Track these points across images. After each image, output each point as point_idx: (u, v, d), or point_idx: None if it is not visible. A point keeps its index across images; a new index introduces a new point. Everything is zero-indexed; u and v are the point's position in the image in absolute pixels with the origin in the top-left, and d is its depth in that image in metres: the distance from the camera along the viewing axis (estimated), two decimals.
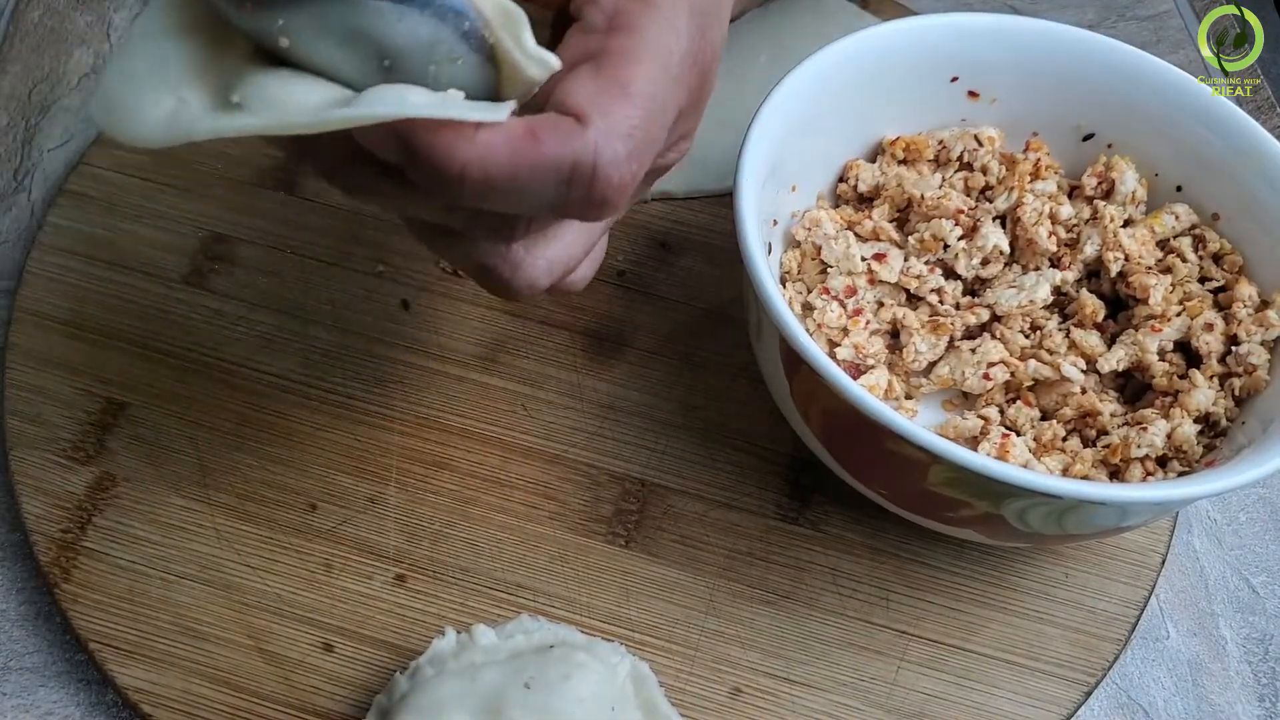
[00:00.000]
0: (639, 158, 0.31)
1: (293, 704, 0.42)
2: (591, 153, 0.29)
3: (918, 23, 0.48)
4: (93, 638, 0.43)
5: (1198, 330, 0.45)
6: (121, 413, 0.48)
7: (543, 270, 0.35)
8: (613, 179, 0.30)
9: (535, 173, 0.29)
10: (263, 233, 0.53)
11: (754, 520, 0.47)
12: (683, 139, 0.37)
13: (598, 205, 0.31)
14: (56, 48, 0.61)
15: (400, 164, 0.29)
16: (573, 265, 0.37)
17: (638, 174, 0.31)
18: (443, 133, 0.28)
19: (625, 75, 0.31)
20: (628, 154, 0.30)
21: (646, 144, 0.31)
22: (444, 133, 0.28)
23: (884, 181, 0.50)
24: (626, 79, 0.31)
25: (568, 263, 0.36)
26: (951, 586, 0.46)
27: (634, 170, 0.31)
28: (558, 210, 0.31)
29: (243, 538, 0.45)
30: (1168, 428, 0.43)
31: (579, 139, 0.29)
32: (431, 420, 0.49)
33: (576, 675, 0.38)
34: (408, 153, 0.29)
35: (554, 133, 0.29)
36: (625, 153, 0.30)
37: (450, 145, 0.28)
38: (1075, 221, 0.49)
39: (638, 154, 0.31)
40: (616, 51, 0.31)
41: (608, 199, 0.30)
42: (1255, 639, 0.48)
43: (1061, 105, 0.50)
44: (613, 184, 0.30)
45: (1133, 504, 0.39)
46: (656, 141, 0.32)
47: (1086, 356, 0.46)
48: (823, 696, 0.44)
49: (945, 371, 0.47)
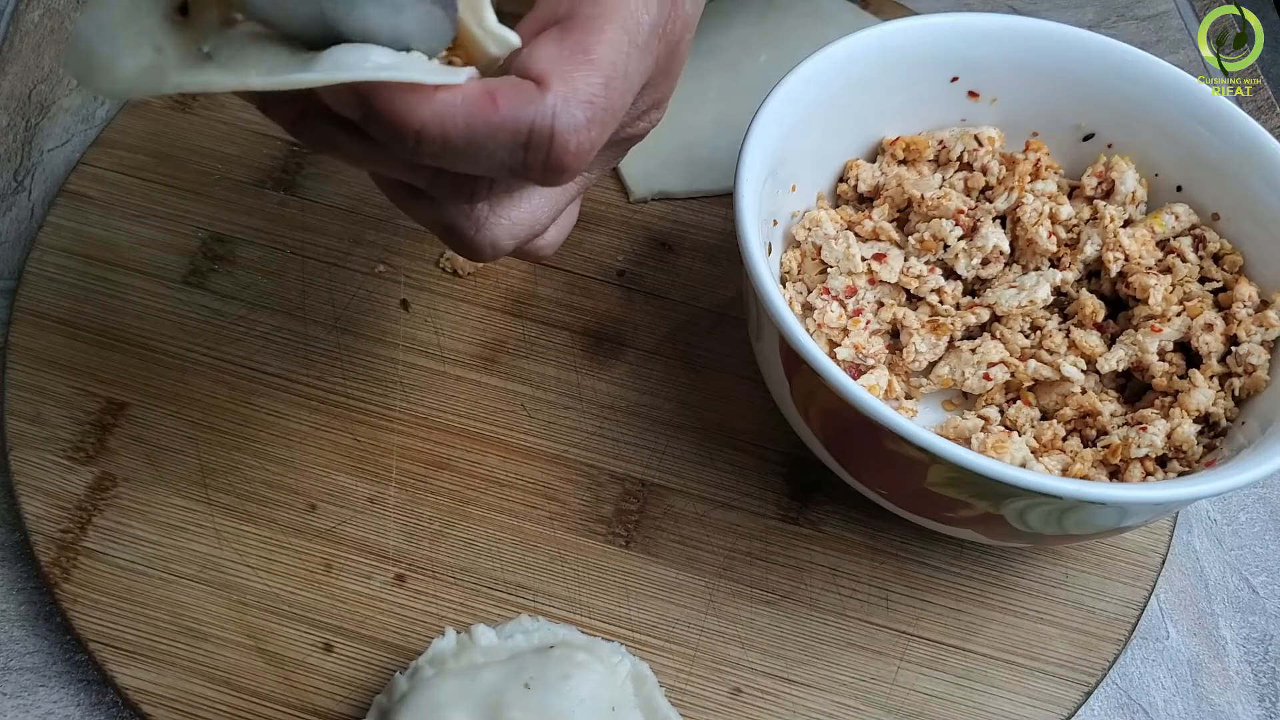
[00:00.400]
0: (598, 125, 0.31)
1: (293, 704, 0.42)
2: (549, 117, 0.30)
3: (918, 23, 0.48)
4: (93, 638, 0.43)
5: (1198, 330, 0.45)
6: (121, 413, 0.48)
7: (505, 231, 0.35)
8: (569, 144, 0.30)
9: (492, 134, 0.29)
10: (263, 233, 0.53)
11: (754, 520, 0.47)
12: (653, 109, 0.37)
13: (555, 170, 0.31)
14: (56, 48, 0.61)
15: (360, 121, 0.29)
16: (538, 229, 0.37)
17: (596, 141, 0.31)
18: (401, 92, 0.28)
19: (589, 42, 0.31)
20: (587, 120, 0.30)
21: (607, 111, 0.31)
22: (402, 92, 0.28)
23: (884, 181, 0.50)
24: (590, 45, 0.31)
25: (532, 225, 0.36)
26: (951, 586, 0.46)
27: (592, 137, 0.31)
28: (516, 173, 0.31)
29: (242, 537, 0.45)
30: (1167, 428, 0.43)
31: (537, 103, 0.30)
32: (431, 420, 0.49)
33: (576, 675, 0.38)
34: (366, 110, 0.29)
35: (513, 95, 0.29)
36: (584, 119, 0.30)
37: (407, 104, 0.28)
38: (1075, 221, 0.49)
39: (597, 121, 0.31)
40: (582, 18, 0.31)
41: (565, 164, 0.31)
42: (1255, 639, 0.48)
43: (1061, 105, 0.50)
44: (569, 149, 0.30)
45: (1132, 504, 0.39)
46: (618, 110, 0.32)
47: (1086, 356, 0.46)
48: (823, 696, 0.44)
49: (945, 371, 0.47)
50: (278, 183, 0.55)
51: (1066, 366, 0.45)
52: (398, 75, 0.28)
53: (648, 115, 0.37)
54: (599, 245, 0.54)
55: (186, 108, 0.57)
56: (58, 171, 0.56)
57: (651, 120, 0.37)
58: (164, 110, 0.57)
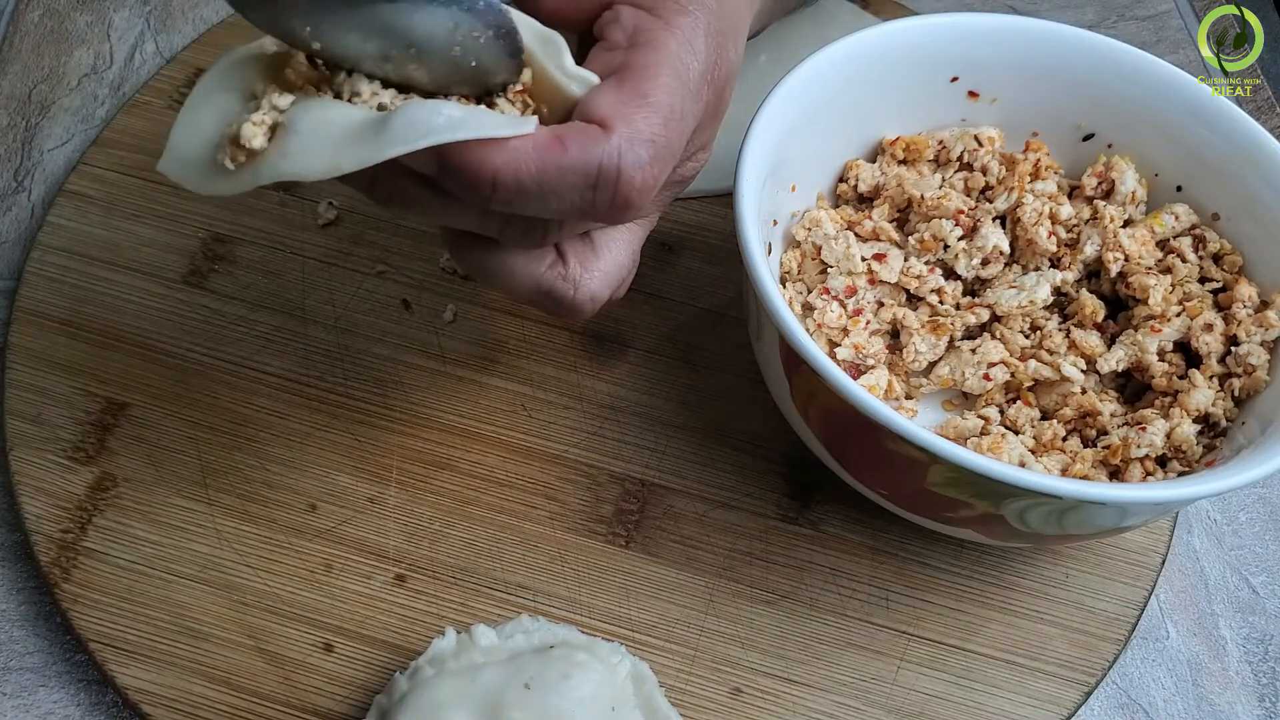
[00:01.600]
0: (660, 162, 0.33)
1: (293, 704, 0.42)
2: (615, 156, 0.31)
3: (918, 23, 0.48)
4: (93, 638, 0.43)
5: (1197, 330, 0.45)
6: (121, 413, 0.48)
7: (600, 283, 0.38)
8: (635, 180, 0.32)
9: (563, 176, 0.31)
10: (263, 233, 0.53)
11: (754, 520, 0.47)
12: (701, 150, 0.38)
13: (621, 207, 0.32)
14: (56, 48, 0.61)
15: (436, 174, 0.31)
16: (624, 274, 0.39)
17: (659, 177, 0.33)
18: (475, 144, 0.30)
19: (646, 87, 0.33)
20: (650, 158, 0.32)
21: (667, 150, 0.33)
22: (476, 144, 0.30)
23: (884, 181, 0.50)
24: (647, 90, 0.33)
25: (619, 272, 0.39)
26: (951, 586, 0.46)
27: (655, 173, 0.32)
28: (585, 214, 0.33)
29: (243, 538, 0.45)
30: (1167, 428, 0.43)
31: (604, 143, 0.31)
32: (431, 420, 0.49)
33: (576, 675, 0.38)
34: (443, 165, 0.31)
35: (580, 138, 0.31)
36: (648, 157, 0.32)
37: (482, 155, 0.30)
38: (1075, 221, 0.49)
39: (659, 159, 0.33)
40: (638, 66, 0.33)
41: (630, 201, 0.32)
42: (1255, 639, 0.48)
43: (1061, 105, 0.50)
44: (635, 185, 0.32)
45: (1133, 504, 0.39)
46: (676, 149, 0.34)
47: (1086, 356, 0.46)
48: (823, 697, 0.44)
49: (945, 371, 0.47)
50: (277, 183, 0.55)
51: (1066, 367, 0.45)
52: (475, 133, 0.30)
53: (696, 156, 0.39)
54: None
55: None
56: (58, 171, 0.56)
57: (700, 162, 0.39)
58: (164, 110, 0.57)
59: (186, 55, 0.59)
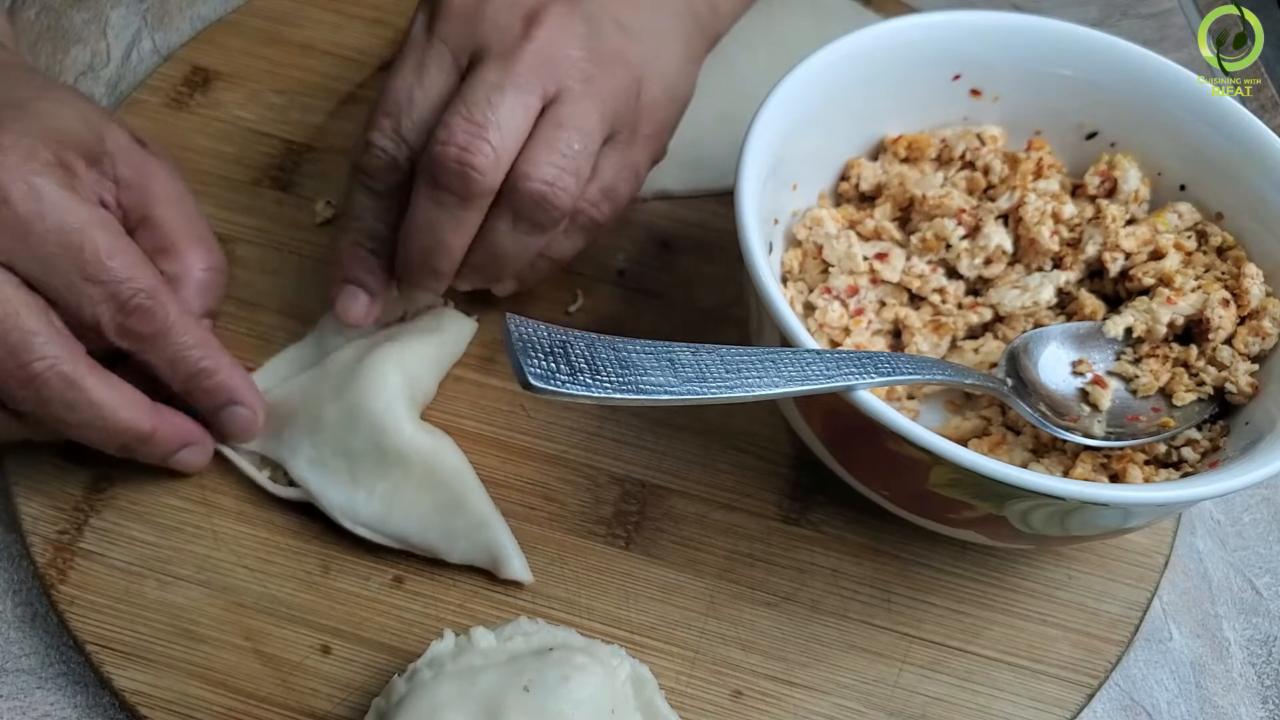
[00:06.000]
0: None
1: (290, 706, 0.42)
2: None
3: (920, 20, 0.48)
4: (89, 639, 0.42)
5: (1214, 304, 0.44)
6: None
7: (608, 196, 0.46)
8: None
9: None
10: (262, 233, 0.53)
11: (755, 522, 0.47)
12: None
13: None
14: (53, 45, 0.61)
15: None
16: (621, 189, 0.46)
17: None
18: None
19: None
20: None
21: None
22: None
23: (886, 180, 0.50)
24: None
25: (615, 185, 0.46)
26: (954, 588, 0.46)
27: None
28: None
29: (240, 539, 0.45)
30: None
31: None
32: (430, 420, 0.48)
33: (576, 678, 0.37)
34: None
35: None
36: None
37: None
38: (1078, 221, 0.48)
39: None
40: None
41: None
42: (1259, 640, 0.48)
43: (1064, 103, 0.50)
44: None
45: (1136, 505, 0.39)
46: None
47: None
48: (824, 699, 0.43)
49: None
50: (275, 181, 0.55)
51: None
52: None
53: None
54: (599, 245, 0.53)
55: (184, 106, 0.57)
56: None
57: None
58: (161, 109, 0.56)
59: (184, 53, 0.59)
